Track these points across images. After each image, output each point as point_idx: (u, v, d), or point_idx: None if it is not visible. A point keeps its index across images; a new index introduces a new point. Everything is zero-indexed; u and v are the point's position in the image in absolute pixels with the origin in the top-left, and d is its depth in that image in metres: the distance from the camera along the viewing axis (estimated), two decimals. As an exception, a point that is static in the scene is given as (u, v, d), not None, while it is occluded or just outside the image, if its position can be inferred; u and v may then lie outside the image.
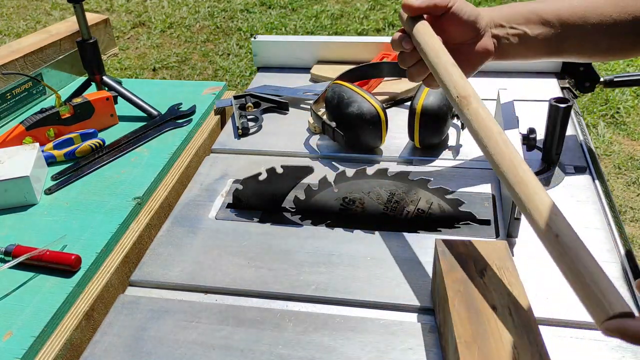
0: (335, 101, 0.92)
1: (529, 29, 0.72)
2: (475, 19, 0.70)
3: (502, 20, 0.72)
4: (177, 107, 1.08)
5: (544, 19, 0.71)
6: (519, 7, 0.73)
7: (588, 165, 0.86)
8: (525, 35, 0.72)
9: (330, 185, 0.77)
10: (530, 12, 0.72)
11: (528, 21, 0.72)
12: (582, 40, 0.72)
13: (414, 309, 0.65)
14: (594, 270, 0.47)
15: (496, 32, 0.72)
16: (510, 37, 0.72)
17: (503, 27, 0.72)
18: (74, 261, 0.71)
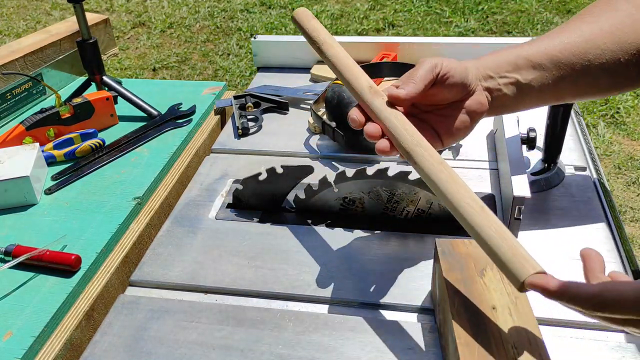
0: (335, 101, 0.92)
1: (520, 75, 0.63)
2: (464, 77, 0.62)
3: (489, 71, 0.64)
4: (177, 107, 1.08)
5: (534, 62, 0.63)
6: (503, 55, 0.65)
7: (588, 165, 0.86)
8: (517, 82, 0.63)
9: (330, 185, 0.77)
10: (517, 57, 0.64)
11: (517, 67, 0.63)
12: (580, 78, 0.64)
13: (414, 309, 0.65)
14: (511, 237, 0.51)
15: (487, 84, 0.64)
16: (502, 87, 0.63)
17: (492, 78, 0.64)
18: (74, 261, 0.71)
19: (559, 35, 0.65)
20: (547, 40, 0.65)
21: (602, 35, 0.63)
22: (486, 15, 3.33)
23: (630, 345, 0.59)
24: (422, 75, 0.60)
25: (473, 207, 0.52)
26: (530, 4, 3.40)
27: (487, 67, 0.64)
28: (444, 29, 3.22)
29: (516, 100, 0.65)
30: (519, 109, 0.67)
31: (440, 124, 0.63)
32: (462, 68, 0.62)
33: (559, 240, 0.73)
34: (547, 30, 3.01)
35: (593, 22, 0.65)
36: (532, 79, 0.63)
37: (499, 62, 0.64)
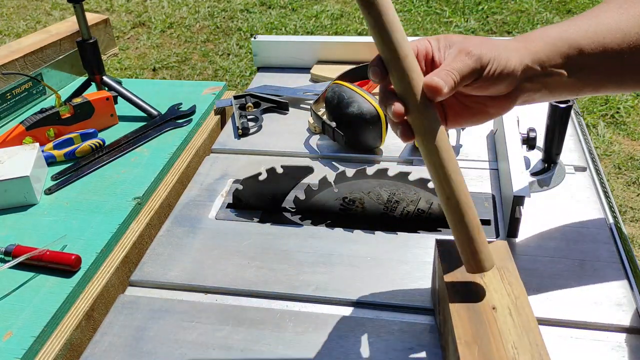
0: (335, 101, 0.92)
1: (568, 69, 0.56)
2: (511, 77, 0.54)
3: (537, 64, 0.55)
4: (177, 107, 1.08)
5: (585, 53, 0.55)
6: (557, 42, 0.55)
7: (588, 165, 0.86)
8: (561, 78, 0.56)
9: (330, 185, 0.77)
10: (569, 47, 0.55)
11: (568, 59, 0.55)
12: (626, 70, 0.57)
13: (414, 309, 0.65)
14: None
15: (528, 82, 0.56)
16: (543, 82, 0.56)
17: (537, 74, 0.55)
18: (74, 261, 0.71)
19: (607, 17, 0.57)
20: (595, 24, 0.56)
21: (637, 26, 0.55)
22: (486, 15, 3.33)
23: (630, 345, 0.59)
24: (463, 73, 0.52)
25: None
26: (530, 4, 3.41)
27: (538, 58, 0.55)
28: (444, 29, 3.22)
29: (551, 95, 0.58)
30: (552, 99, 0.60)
31: (454, 107, 0.56)
32: (510, 69, 0.53)
33: (559, 240, 0.73)
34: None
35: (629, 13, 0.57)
36: (579, 74, 0.56)
37: (551, 53, 0.55)
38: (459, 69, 0.52)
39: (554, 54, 0.55)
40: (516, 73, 0.54)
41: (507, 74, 0.53)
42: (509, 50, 0.54)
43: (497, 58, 0.53)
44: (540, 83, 0.56)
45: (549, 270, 0.68)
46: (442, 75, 0.51)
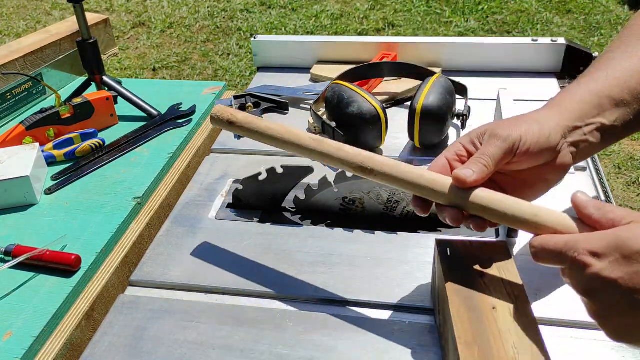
0: (335, 101, 0.92)
1: (604, 118, 0.57)
2: (549, 143, 0.55)
3: (576, 121, 0.57)
4: (177, 107, 1.08)
5: (617, 100, 0.57)
6: (586, 97, 0.58)
7: (588, 165, 0.86)
8: (602, 127, 0.58)
9: (330, 185, 0.77)
10: (600, 97, 0.58)
11: (601, 110, 0.57)
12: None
13: (414, 309, 0.65)
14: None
15: (572, 139, 0.57)
16: (588, 136, 0.57)
17: (578, 128, 0.57)
18: (74, 261, 0.71)
19: (628, 62, 0.59)
20: (620, 70, 0.59)
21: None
22: (486, 15, 3.33)
23: (630, 345, 0.59)
24: (495, 155, 0.54)
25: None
26: (530, 4, 3.41)
27: (573, 117, 0.57)
28: (444, 29, 3.22)
29: (600, 145, 0.59)
30: (601, 149, 0.61)
31: (512, 187, 0.58)
32: (545, 136, 0.55)
33: (559, 240, 0.73)
34: (547, 31, 2.98)
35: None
36: (616, 118, 0.58)
37: (584, 109, 0.58)
38: (491, 153, 0.54)
39: (587, 107, 0.58)
40: (553, 139, 0.56)
41: (543, 143, 0.55)
42: (543, 120, 0.57)
43: (527, 133, 0.55)
44: (588, 136, 0.58)
45: (549, 270, 0.68)
46: (471, 165, 0.54)
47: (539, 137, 0.55)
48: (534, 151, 0.55)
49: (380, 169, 0.58)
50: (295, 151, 0.63)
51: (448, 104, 0.88)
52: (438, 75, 0.95)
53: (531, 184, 0.58)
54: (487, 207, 0.54)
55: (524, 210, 0.53)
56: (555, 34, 3.07)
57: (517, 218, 0.53)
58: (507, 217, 0.53)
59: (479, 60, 1.17)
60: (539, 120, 0.57)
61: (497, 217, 0.54)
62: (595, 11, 3.29)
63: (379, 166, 0.58)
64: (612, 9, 3.30)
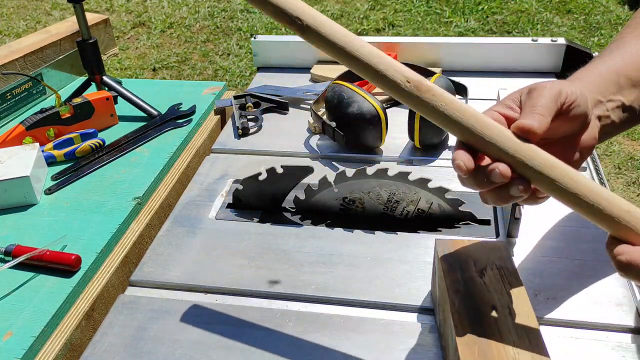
0: (335, 101, 0.92)
1: (624, 97, 0.56)
2: (586, 106, 0.52)
3: (599, 95, 0.55)
4: (177, 107, 1.08)
5: (634, 80, 0.56)
6: (605, 74, 0.56)
7: (588, 165, 0.86)
8: (622, 105, 0.56)
9: (330, 185, 0.77)
10: (618, 75, 0.56)
11: (620, 88, 0.56)
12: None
13: (414, 309, 0.65)
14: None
15: (597, 112, 0.55)
16: (610, 113, 0.55)
17: (601, 103, 0.55)
18: (74, 261, 0.71)
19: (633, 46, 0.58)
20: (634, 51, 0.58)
21: None
22: (486, 15, 3.33)
23: (630, 345, 0.59)
24: (547, 104, 0.50)
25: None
26: (530, 4, 3.40)
27: (596, 90, 0.55)
28: (444, 29, 3.22)
29: (620, 126, 0.57)
30: (619, 132, 0.58)
31: None
32: (584, 95, 0.52)
33: (559, 240, 0.73)
34: (547, 31, 2.98)
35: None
36: (634, 99, 0.56)
37: (605, 84, 0.56)
38: (542, 103, 0.50)
39: (608, 82, 0.56)
40: (588, 103, 0.53)
41: (583, 101, 0.52)
42: (571, 84, 0.53)
43: (567, 87, 0.52)
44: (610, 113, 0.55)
45: (549, 270, 0.68)
46: (529, 116, 0.49)
47: (581, 95, 0.52)
48: (578, 109, 0.51)
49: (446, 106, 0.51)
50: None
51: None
52: (438, 75, 0.95)
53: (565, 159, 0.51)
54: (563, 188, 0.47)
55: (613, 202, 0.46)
56: (555, 34, 3.07)
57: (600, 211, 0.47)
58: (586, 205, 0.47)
59: (479, 60, 1.17)
60: (576, 85, 0.53)
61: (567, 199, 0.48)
62: (595, 11, 3.29)
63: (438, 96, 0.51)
64: (612, 9, 3.30)
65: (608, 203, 0.47)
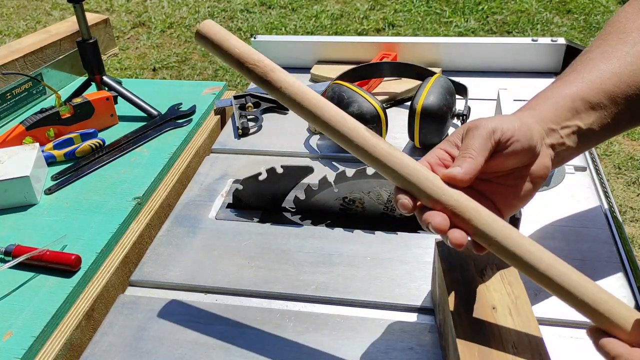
0: (335, 101, 0.92)
1: (580, 121, 0.55)
2: (530, 139, 0.52)
3: (551, 124, 0.55)
4: (177, 107, 1.08)
5: (592, 103, 0.56)
6: (560, 101, 0.56)
7: (588, 165, 0.86)
8: (579, 130, 0.56)
9: (330, 185, 0.77)
10: (573, 100, 0.56)
11: (576, 113, 0.56)
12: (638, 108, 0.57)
13: (414, 309, 0.65)
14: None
15: (550, 140, 0.55)
16: (565, 139, 0.55)
17: (554, 131, 0.55)
18: (74, 261, 0.71)
19: (605, 65, 0.58)
20: (596, 72, 0.57)
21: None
22: (486, 15, 3.33)
23: (630, 345, 0.59)
24: (479, 146, 0.50)
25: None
26: (530, 4, 3.41)
27: (548, 119, 0.55)
28: (444, 29, 3.22)
29: (578, 149, 0.57)
30: (579, 154, 0.58)
31: (499, 194, 0.54)
32: (525, 129, 0.52)
33: (559, 240, 0.73)
34: (547, 31, 2.97)
35: (635, 42, 0.58)
36: (593, 121, 0.56)
37: (559, 111, 0.56)
38: (474, 145, 0.51)
39: (561, 109, 0.56)
40: (534, 137, 0.53)
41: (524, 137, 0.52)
42: (522, 118, 0.54)
43: (506, 124, 0.52)
44: (565, 139, 0.55)
45: (549, 270, 0.68)
46: (457, 162, 0.50)
47: (520, 127, 0.52)
48: (517, 144, 0.52)
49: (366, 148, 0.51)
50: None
51: (448, 104, 0.88)
52: (438, 75, 0.95)
53: (518, 190, 0.54)
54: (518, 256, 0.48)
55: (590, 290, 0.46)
56: (555, 34, 3.07)
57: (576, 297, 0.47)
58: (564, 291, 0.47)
59: (479, 60, 1.17)
60: (519, 117, 0.54)
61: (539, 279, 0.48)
62: (595, 11, 3.29)
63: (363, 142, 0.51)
64: (612, 9, 3.30)
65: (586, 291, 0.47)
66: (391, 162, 0.50)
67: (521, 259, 0.48)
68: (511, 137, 0.51)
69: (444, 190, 0.49)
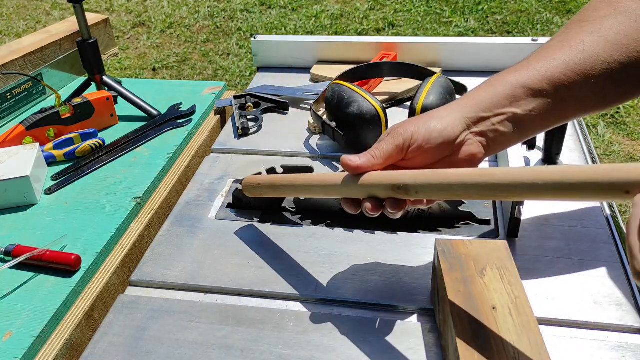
0: (335, 101, 0.92)
1: (518, 108, 0.58)
2: (443, 137, 0.57)
3: (481, 112, 0.58)
4: (177, 107, 1.08)
5: (533, 90, 0.57)
6: (499, 89, 0.59)
7: (588, 165, 0.86)
8: (514, 116, 0.58)
9: (330, 185, 0.77)
10: (513, 88, 0.58)
11: (514, 99, 0.58)
12: (585, 96, 0.58)
13: (414, 309, 0.65)
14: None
15: (479, 129, 0.58)
16: (498, 126, 0.58)
17: (485, 119, 0.58)
18: (74, 261, 0.71)
19: (558, 53, 0.59)
20: (544, 61, 0.59)
21: (608, 48, 0.57)
22: (486, 15, 3.33)
23: (630, 345, 0.59)
24: (385, 151, 0.58)
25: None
26: (530, 4, 3.41)
27: (479, 108, 0.58)
28: (444, 29, 3.22)
29: (517, 134, 0.59)
30: (522, 139, 0.61)
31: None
32: (440, 129, 0.57)
33: (559, 240, 0.73)
34: (547, 31, 2.98)
35: (595, 31, 0.59)
36: (533, 108, 0.58)
37: (493, 99, 0.58)
38: (382, 147, 0.58)
39: (497, 97, 0.58)
40: (450, 133, 0.58)
41: (435, 139, 0.58)
42: (443, 115, 0.59)
43: (419, 130, 0.58)
44: (497, 126, 0.59)
45: (549, 270, 0.68)
46: (361, 155, 0.59)
47: (431, 133, 0.58)
48: (426, 147, 0.58)
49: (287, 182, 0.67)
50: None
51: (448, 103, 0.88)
52: (438, 75, 0.95)
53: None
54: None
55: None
56: (555, 34, 3.07)
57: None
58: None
59: (479, 60, 1.17)
60: (439, 116, 0.59)
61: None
62: (595, 11, 3.29)
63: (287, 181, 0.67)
64: (612, 9, 3.29)
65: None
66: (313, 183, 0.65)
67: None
68: (423, 142, 0.57)
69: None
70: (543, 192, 0.47)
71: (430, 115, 0.60)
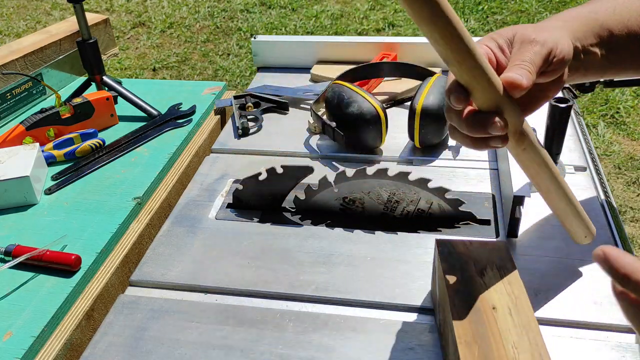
0: (335, 101, 0.92)
1: (600, 49, 0.57)
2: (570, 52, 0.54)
3: (577, 42, 0.56)
4: (177, 107, 1.08)
5: (615, 36, 0.57)
6: (590, 23, 0.57)
7: (588, 165, 0.86)
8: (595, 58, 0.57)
9: (330, 185, 0.77)
10: (601, 27, 0.56)
11: (600, 39, 0.57)
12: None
13: (414, 309, 0.65)
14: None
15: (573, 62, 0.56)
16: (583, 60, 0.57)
17: (578, 50, 0.56)
18: (74, 261, 0.71)
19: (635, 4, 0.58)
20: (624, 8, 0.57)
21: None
22: (486, 15, 3.33)
23: (630, 345, 0.59)
24: (537, 65, 0.50)
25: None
26: (530, 4, 3.41)
27: (576, 36, 0.55)
28: (444, 29, 3.21)
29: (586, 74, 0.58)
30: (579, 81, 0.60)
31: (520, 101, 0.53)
32: (571, 47, 0.53)
33: (559, 240, 0.73)
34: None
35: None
36: (609, 54, 0.57)
37: (586, 32, 0.56)
38: (531, 59, 0.50)
39: (589, 33, 0.56)
40: (571, 54, 0.53)
41: (569, 55, 0.53)
42: (559, 32, 0.54)
43: (559, 42, 0.52)
44: (580, 62, 0.56)
45: (549, 270, 0.68)
46: (518, 70, 0.49)
47: (569, 47, 0.53)
48: (562, 65, 0.52)
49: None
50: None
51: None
52: (438, 75, 0.95)
53: (536, 100, 0.55)
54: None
55: None
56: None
57: None
58: None
59: (479, 60, 1.16)
60: (556, 30, 0.54)
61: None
62: (595, 11, 3.29)
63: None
64: (612, 9, 3.30)
65: None
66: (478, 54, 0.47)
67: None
68: (562, 58, 0.52)
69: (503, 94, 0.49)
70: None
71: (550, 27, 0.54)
